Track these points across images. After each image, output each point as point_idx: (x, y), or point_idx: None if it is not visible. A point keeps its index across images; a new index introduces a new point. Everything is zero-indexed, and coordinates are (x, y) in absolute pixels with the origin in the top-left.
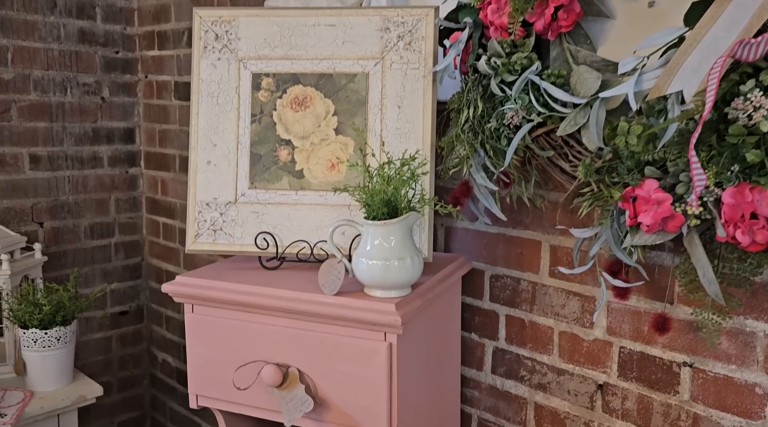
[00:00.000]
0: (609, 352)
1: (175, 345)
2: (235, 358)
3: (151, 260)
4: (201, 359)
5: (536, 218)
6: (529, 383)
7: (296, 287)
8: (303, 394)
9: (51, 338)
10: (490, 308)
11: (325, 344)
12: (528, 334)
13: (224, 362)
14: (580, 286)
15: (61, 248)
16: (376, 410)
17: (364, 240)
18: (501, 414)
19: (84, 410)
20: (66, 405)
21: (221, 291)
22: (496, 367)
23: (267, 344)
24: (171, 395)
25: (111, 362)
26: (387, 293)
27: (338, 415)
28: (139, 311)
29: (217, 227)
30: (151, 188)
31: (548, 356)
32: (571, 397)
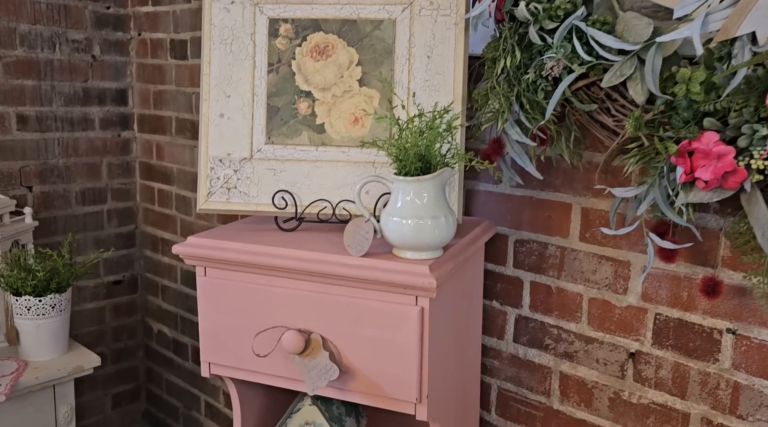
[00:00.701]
0: (643, 319)
1: (171, 316)
2: (252, 324)
3: (146, 228)
4: (214, 325)
5: (567, 180)
6: (554, 352)
7: (318, 249)
8: (327, 361)
9: (45, 305)
10: (514, 274)
11: (350, 308)
12: (554, 301)
13: (239, 328)
14: (614, 250)
15: (52, 213)
16: (406, 379)
17: (395, 198)
18: (523, 384)
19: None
20: (62, 375)
21: (238, 252)
22: (518, 335)
23: (287, 309)
24: (167, 366)
25: (104, 333)
26: (418, 255)
27: (364, 383)
28: (133, 280)
29: (231, 185)
30: (145, 153)
31: (576, 324)
32: (600, 366)
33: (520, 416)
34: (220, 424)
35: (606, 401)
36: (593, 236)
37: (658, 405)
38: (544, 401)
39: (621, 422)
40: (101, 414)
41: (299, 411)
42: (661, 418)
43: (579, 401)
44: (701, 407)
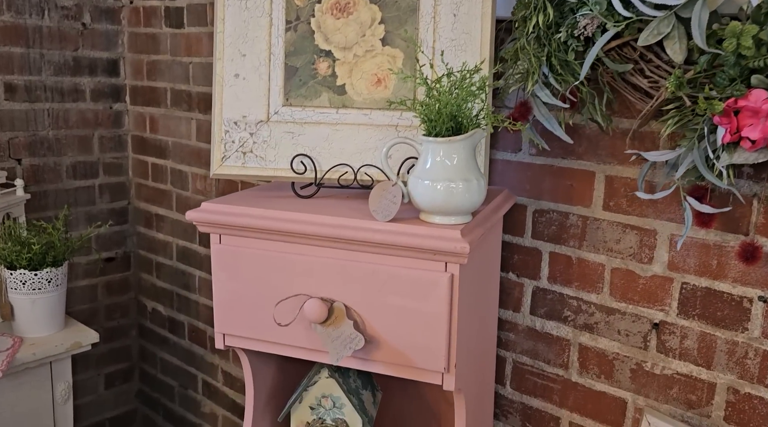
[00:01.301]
0: (669, 288)
1: (166, 294)
2: (271, 293)
3: (139, 204)
4: (230, 295)
5: (590, 147)
6: (573, 324)
7: (340, 215)
8: (351, 330)
9: (41, 279)
10: (532, 245)
11: (376, 276)
12: (575, 272)
13: (257, 298)
14: (640, 219)
15: (42, 187)
16: (434, 348)
17: (424, 160)
18: (540, 357)
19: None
20: (60, 352)
21: (256, 218)
22: (535, 308)
23: (308, 277)
24: (162, 345)
25: (97, 312)
26: (447, 220)
27: (389, 353)
28: (126, 257)
29: (246, 149)
30: (138, 126)
31: (597, 295)
32: (622, 337)
33: (537, 389)
34: (218, 403)
35: (627, 372)
36: (618, 205)
37: (682, 376)
38: (561, 373)
39: (643, 393)
40: (94, 394)
41: (315, 384)
42: (685, 388)
43: (599, 373)
44: (728, 377)
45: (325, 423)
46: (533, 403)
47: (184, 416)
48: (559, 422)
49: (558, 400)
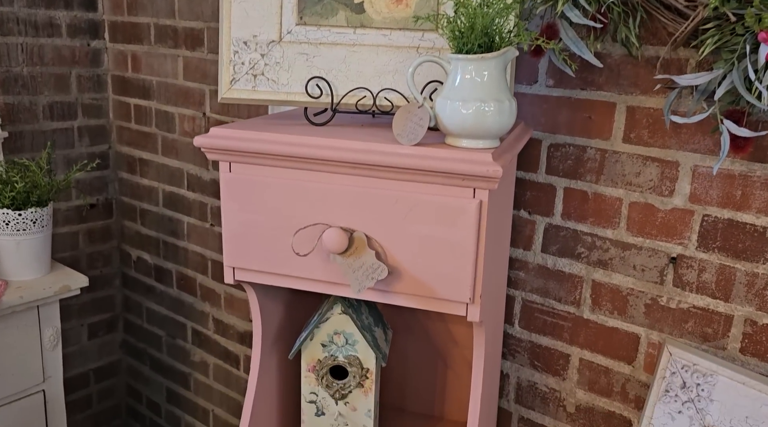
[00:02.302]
0: (689, 221)
1: (152, 241)
2: (286, 224)
3: (121, 148)
4: (241, 227)
5: (612, 77)
6: (586, 261)
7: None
8: (374, 260)
9: (26, 220)
10: (546, 181)
11: (400, 203)
12: (590, 207)
13: (270, 229)
14: (661, 150)
15: (18, 128)
16: (459, 278)
17: (453, 80)
18: (550, 295)
19: None
20: (48, 295)
21: (272, 143)
22: (547, 245)
23: (325, 206)
24: (148, 294)
25: (79, 260)
26: (476, 144)
27: (412, 284)
28: (108, 204)
29: (257, 71)
30: (118, 65)
31: (613, 231)
32: (637, 272)
33: (546, 327)
34: (209, 351)
35: (642, 307)
36: (639, 137)
37: (698, 309)
38: (573, 311)
39: (657, 328)
40: (77, 344)
41: (328, 320)
42: (701, 322)
43: (612, 309)
44: (746, 309)
45: (337, 360)
46: (542, 341)
47: (172, 366)
48: (569, 360)
49: (568, 337)
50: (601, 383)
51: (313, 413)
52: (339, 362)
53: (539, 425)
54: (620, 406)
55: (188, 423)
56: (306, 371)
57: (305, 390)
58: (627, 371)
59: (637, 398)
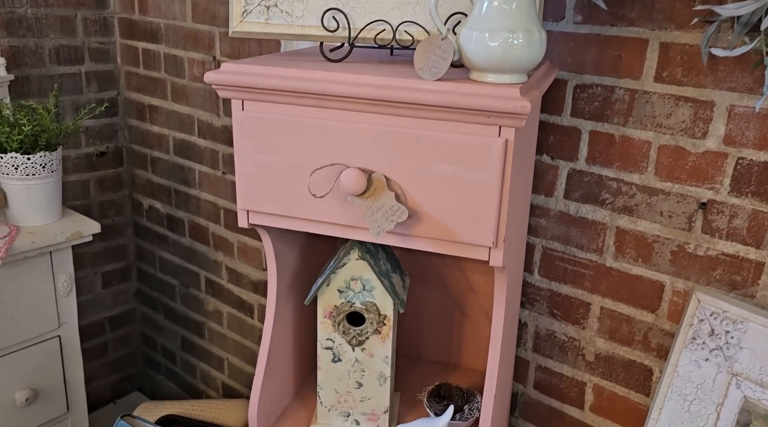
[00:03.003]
0: (722, 165)
1: (164, 190)
2: (302, 164)
3: (130, 94)
4: (255, 167)
5: (644, 11)
6: (611, 207)
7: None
8: (393, 202)
9: (35, 164)
10: (571, 124)
11: (421, 143)
12: (616, 151)
13: (285, 170)
14: (696, 90)
15: (24, 72)
16: (482, 220)
17: (479, 8)
18: (572, 242)
19: None
20: (60, 241)
21: (287, 79)
22: (570, 191)
23: (343, 146)
24: (160, 244)
25: (90, 208)
26: (502, 78)
27: (432, 227)
28: (118, 152)
29: (270, 3)
30: (125, 7)
31: (640, 175)
32: (664, 219)
33: (567, 275)
34: (223, 300)
35: (668, 255)
36: (671, 75)
37: (728, 256)
38: (595, 258)
39: (683, 275)
40: (91, 293)
41: (345, 266)
42: (729, 269)
43: (636, 256)
44: None
45: (354, 306)
46: (562, 290)
47: (186, 315)
48: (590, 308)
49: (589, 286)
50: (622, 331)
51: (330, 359)
52: (356, 309)
53: (557, 374)
54: (641, 355)
55: (203, 371)
56: (322, 317)
57: (321, 337)
58: (650, 320)
59: (659, 347)
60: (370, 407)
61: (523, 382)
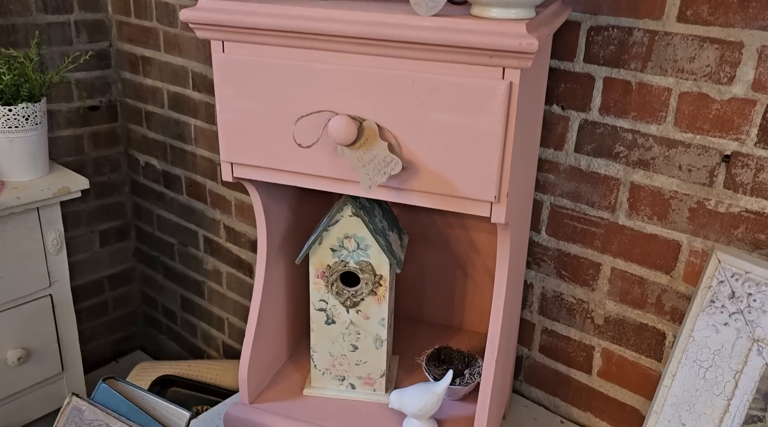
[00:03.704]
0: (749, 113)
1: (159, 146)
2: (287, 111)
3: (122, 45)
4: (237, 115)
5: None
6: (625, 161)
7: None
8: (386, 153)
9: (18, 116)
10: (584, 70)
11: (417, 87)
12: (633, 100)
13: (270, 118)
14: (723, 30)
15: (9, 20)
16: (484, 172)
17: None
18: (582, 199)
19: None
20: (47, 197)
21: (270, 16)
22: (581, 144)
23: (331, 91)
24: (157, 201)
25: (84, 165)
26: (507, 13)
27: (430, 181)
28: (112, 107)
29: None
30: None
31: (658, 126)
32: (683, 173)
33: (576, 234)
34: (222, 259)
35: (685, 212)
36: (696, 14)
37: (752, 213)
38: (607, 216)
39: (701, 234)
40: (89, 251)
41: (338, 223)
42: (753, 227)
43: (651, 214)
44: None
45: (348, 266)
46: (571, 249)
47: (185, 274)
48: (600, 269)
49: (600, 245)
50: (633, 293)
51: (323, 321)
52: (350, 268)
53: (564, 337)
54: (654, 318)
55: (203, 330)
56: (314, 277)
57: (314, 297)
58: (664, 282)
59: (673, 310)
60: (365, 370)
61: (528, 345)
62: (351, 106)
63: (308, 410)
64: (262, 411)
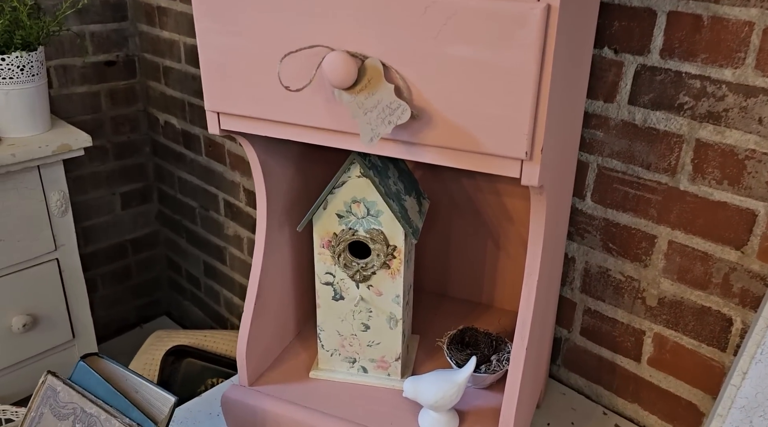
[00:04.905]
0: None
1: (178, 103)
2: (277, 48)
3: None
4: (222, 55)
5: None
6: (691, 114)
7: None
8: (392, 97)
9: (12, 66)
10: (643, 4)
11: (431, 14)
12: (703, 39)
13: (258, 57)
14: None
15: None
16: (513, 122)
17: None
18: (636, 160)
19: (78, 179)
20: (46, 154)
21: None
22: (637, 94)
23: (328, 22)
24: (178, 163)
25: (102, 124)
26: None
27: (445, 132)
28: (130, 62)
29: None
30: None
31: (734, 71)
32: (764, 128)
33: (627, 201)
34: (242, 224)
35: (765, 175)
36: None
37: None
38: (665, 180)
39: None
40: (111, 214)
41: (344, 185)
42: None
43: (721, 178)
44: None
45: (356, 235)
46: (621, 219)
47: (207, 239)
48: (655, 242)
49: (656, 214)
50: (695, 271)
51: (330, 296)
52: (359, 237)
53: (609, 319)
54: (719, 301)
55: (226, 298)
56: (319, 247)
57: (319, 270)
58: (733, 258)
59: (743, 293)
60: (379, 352)
61: (567, 326)
62: (351, 39)
63: (314, 394)
64: (263, 395)
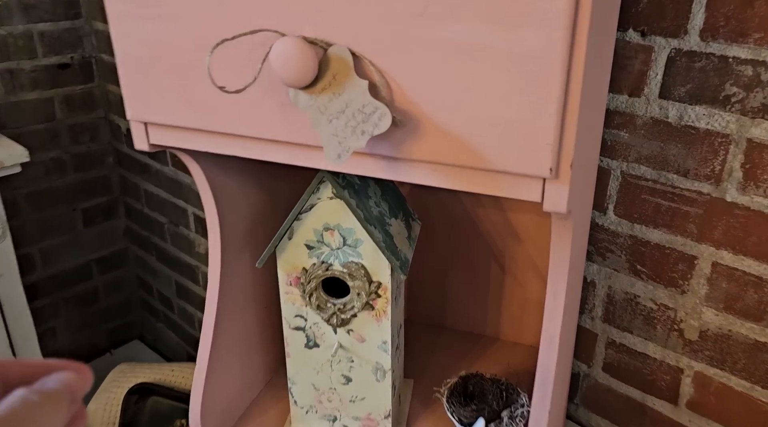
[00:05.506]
0: None
1: None
2: (213, 35)
3: None
4: (143, 47)
5: None
6: (740, 108)
7: None
8: (366, 98)
9: None
10: None
11: None
12: (756, 15)
13: (189, 47)
14: None
15: None
16: (531, 127)
17: None
18: (670, 166)
19: (33, 195)
20: None
21: None
22: (671, 86)
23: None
24: (143, 174)
25: (58, 133)
26: None
27: (440, 144)
28: (86, 64)
29: None
30: None
31: None
32: None
33: (659, 215)
34: None
35: None
36: None
37: None
38: (708, 190)
39: None
40: (71, 233)
41: (313, 209)
42: None
43: None
44: None
45: (331, 269)
46: (651, 236)
47: (178, 258)
48: (695, 264)
49: (696, 231)
50: (746, 300)
51: (302, 344)
52: (334, 273)
53: (639, 354)
54: None
55: (201, 320)
56: (286, 285)
57: (287, 312)
58: None
59: None
60: (364, 409)
61: (587, 361)
62: (308, 22)
63: None
64: None
